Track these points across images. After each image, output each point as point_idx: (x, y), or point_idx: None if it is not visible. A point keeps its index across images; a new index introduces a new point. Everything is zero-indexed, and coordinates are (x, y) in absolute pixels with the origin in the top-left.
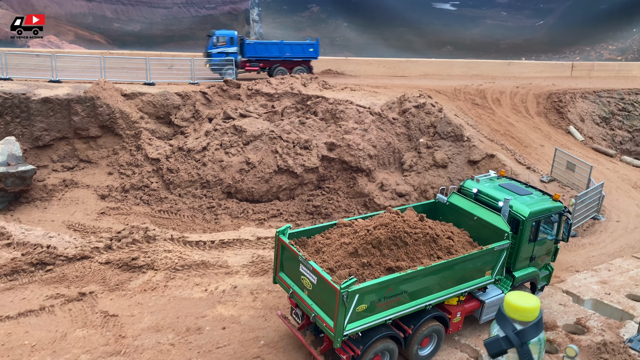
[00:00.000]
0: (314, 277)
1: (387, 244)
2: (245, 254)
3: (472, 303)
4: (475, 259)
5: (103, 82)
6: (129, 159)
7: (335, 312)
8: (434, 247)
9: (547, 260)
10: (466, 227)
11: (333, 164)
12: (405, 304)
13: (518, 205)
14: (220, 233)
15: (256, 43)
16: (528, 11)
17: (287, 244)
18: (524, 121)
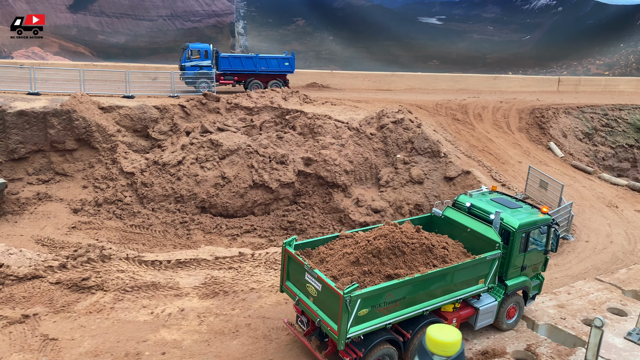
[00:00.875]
0: (319, 284)
1: (386, 254)
2: (199, 274)
3: (467, 310)
4: (469, 268)
5: (80, 95)
6: (105, 172)
7: (339, 316)
8: (430, 257)
9: (538, 270)
10: (460, 238)
11: (309, 179)
12: (404, 309)
13: (508, 218)
14: (178, 252)
15: (230, 56)
16: (515, 26)
17: (293, 254)
18: (504, 137)
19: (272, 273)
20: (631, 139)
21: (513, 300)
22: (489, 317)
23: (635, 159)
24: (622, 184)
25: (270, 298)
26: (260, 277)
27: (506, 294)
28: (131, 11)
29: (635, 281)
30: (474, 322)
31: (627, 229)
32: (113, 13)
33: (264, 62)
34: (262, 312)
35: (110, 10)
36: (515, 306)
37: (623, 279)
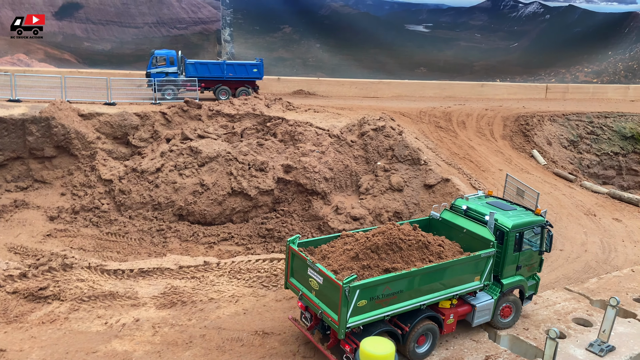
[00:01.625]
0: (320, 277)
1: (384, 249)
2: (160, 284)
3: (464, 307)
4: (465, 265)
5: (59, 102)
6: (83, 179)
7: (339, 306)
8: (426, 253)
9: (533, 270)
10: (457, 239)
11: (289, 187)
12: (401, 302)
13: (502, 219)
14: (142, 261)
15: (197, 63)
16: (502, 33)
17: (297, 251)
18: (486, 144)
19: (235, 283)
20: (616, 147)
21: (509, 299)
22: (486, 315)
23: (621, 166)
24: (602, 192)
25: (228, 308)
26: (222, 286)
27: (502, 292)
28: (117, 18)
29: (605, 291)
30: (471, 319)
31: (603, 238)
32: (99, 20)
33: (231, 69)
34: (219, 322)
35: (96, 17)
36: (510, 306)
37: (592, 289)
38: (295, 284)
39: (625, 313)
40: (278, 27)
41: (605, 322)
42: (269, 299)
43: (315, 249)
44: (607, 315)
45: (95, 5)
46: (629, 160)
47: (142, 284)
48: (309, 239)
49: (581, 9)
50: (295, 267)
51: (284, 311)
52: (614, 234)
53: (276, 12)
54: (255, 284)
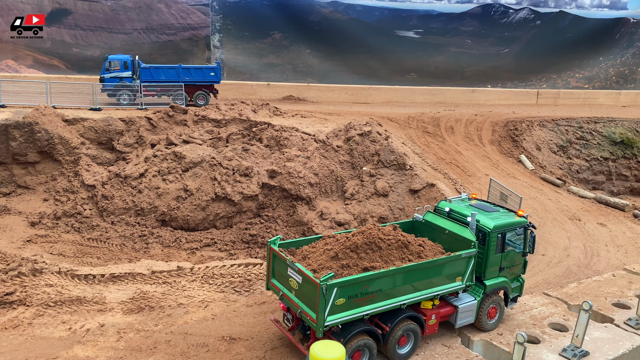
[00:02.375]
0: (299, 277)
1: (363, 249)
2: (129, 289)
3: (447, 308)
4: (445, 264)
5: (43, 107)
6: (66, 185)
7: (316, 304)
8: (406, 252)
9: (517, 272)
10: (440, 241)
11: (273, 192)
12: (381, 302)
13: (484, 220)
14: (114, 266)
15: (152, 67)
16: (493, 39)
17: (277, 251)
18: (474, 149)
19: (207, 288)
20: (606, 152)
21: (493, 300)
22: (469, 316)
23: (610, 171)
24: (589, 196)
25: (197, 314)
26: (193, 292)
27: (485, 294)
28: (106, 24)
29: (584, 296)
30: (454, 321)
31: (587, 242)
32: (88, 26)
33: (187, 73)
34: (186, 328)
35: (84, 23)
36: (495, 307)
37: (571, 294)
38: (276, 284)
39: (603, 318)
40: (268, 33)
41: (579, 326)
42: (239, 304)
43: (297, 250)
44: (580, 320)
45: (84, 12)
46: (619, 166)
47: (112, 289)
48: (290, 240)
49: (572, 14)
50: (276, 268)
51: (254, 316)
52: (598, 239)
53: (266, 18)
54: (227, 289)
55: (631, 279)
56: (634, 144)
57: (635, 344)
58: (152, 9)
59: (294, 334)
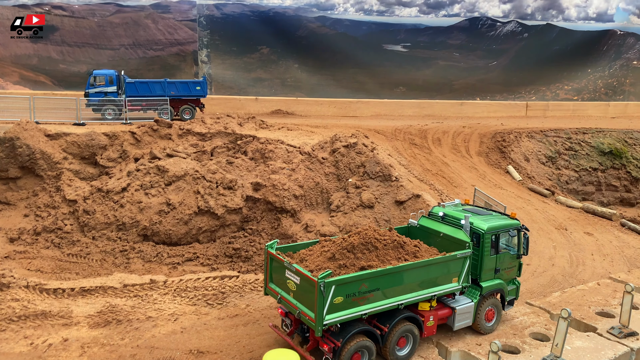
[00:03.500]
0: (297, 277)
1: (360, 249)
2: (98, 302)
3: (445, 310)
4: (441, 265)
5: (25, 122)
6: (48, 200)
7: (315, 303)
8: (402, 252)
9: (512, 274)
10: (435, 244)
11: (258, 205)
12: (378, 301)
13: (478, 222)
14: (85, 280)
15: (137, 82)
16: (481, 52)
17: (274, 254)
18: (460, 161)
19: (179, 300)
20: (595, 162)
21: (490, 302)
22: (467, 318)
23: (600, 182)
24: (577, 206)
25: (166, 327)
26: (164, 305)
27: (482, 295)
28: (93, 40)
29: (568, 305)
30: (452, 323)
31: (572, 252)
32: (75, 42)
33: (173, 87)
34: (153, 341)
35: (71, 39)
36: (493, 309)
37: (554, 303)
38: (274, 288)
39: (586, 327)
40: (256, 47)
41: (558, 335)
42: (211, 317)
43: (294, 254)
44: (559, 328)
45: (71, 28)
46: (608, 176)
47: (80, 303)
48: (288, 245)
49: (559, 27)
50: (273, 271)
51: (225, 329)
52: (584, 248)
53: (253, 33)
54: (199, 302)
55: (616, 287)
56: (623, 154)
57: (618, 353)
58: (139, 24)
59: (292, 337)
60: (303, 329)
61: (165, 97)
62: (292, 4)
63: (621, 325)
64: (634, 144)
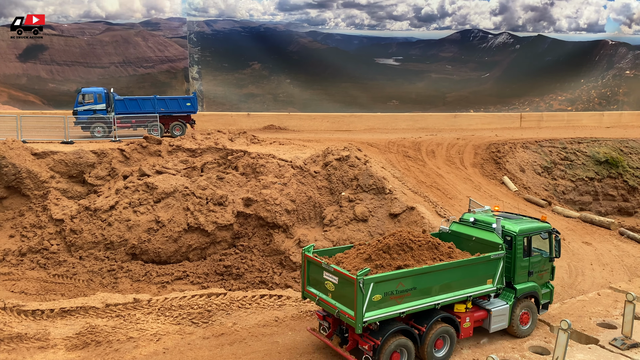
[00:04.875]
0: (335, 277)
1: (395, 249)
2: (78, 323)
3: (480, 312)
4: (476, 265)
5: (11, 141)
6: (34, 220)
7: (354, 300)
8: (437, 253)
9: (546, 278)
10: (467, 249)
11: (249, 220)
12: (415, 300)
13: (509, 225)
14: (66, 300)
15: (126, 99)
16: (473, 64)
17: (312, 257)
18: (455, 172)
19: (162, 320)
20: (591, 172)
21: (525, 305)
22: (502, 321)
23: (597, 192)
24: (574, 216)
25: (147, 348)
26: (146, 325)
27: (517, 298)
28: (82, 59)
29: (567, 316)
30: (488, 325)
31: (571, 262)
32: (64, 61)
33: (162, 104)
34: None
35: (61, 58)
36: (527, 312)
37: (553, 314)
38: (312, 290)
39: (587, 339)
40: (247, 63)
41: (558, 347)
42: (195, 337)
43: (330, 257)
44: (559, 340)
45: (60, 47)
46: (605, 185)
47: (59, 324)
48: (323, 249)
49: (550, 38)
50: (310, 274)
51: (210, 349)
52: (583, 258)
53: (244, 49)
54: (184, 321)
55: (617, 297)
56: (619, 164)
57: None
58: (129, 42)
59: (331, 339)
60: (342, 329)
61: (155, 113)
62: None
63: (624, 337)
64: (630, 152)
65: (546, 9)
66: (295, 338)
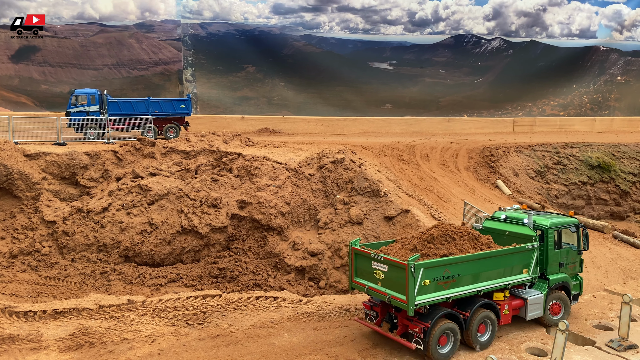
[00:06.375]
0: (385, 266)
1: (439, 240)
2: (71, 325)
3: (517, 301)
4: (512, 255)
5: (2, 142)
6: (25, 222)
7: (406, 284)
8: (477, 243)
9: (575, 270)
10: (500, 243)
11: (244, 223)
12: (460, 287)
13: (540, 219)
14: (59, 302)
15: (120, 101)
16: (466, 69)
17: (359, 249)
18: (449, 176)
19: (157, 321)
20: (584, 176)
21: (555, 296)
22: (538, 309)
23: (589, 196)
24: None
25: (142, 349)
26: (141, 326)
27: (550, 288)
28: (75, 60)
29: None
30: (524, 314)
31: None
32: (57, 63)
33: (157, 105)
34: None
35: (53, 60)
36: (558, 303)
37: None
38: (360, 281)
39: (584, 340)
40: (241, 66)
41: (556, 348)
42: (190, 338)
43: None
44: (557, 341)
45: (53, 48)
46: (597, 190)
47: (52, 326)
48: (368, 243)
49: (543, 44)
50: (358, 266)
51: (206, 350)
52: None
53: (239, 52)
54: (179, 323)
55: (612, 299)
56: (611, 168)
57: None
58: (123, 44)
59: (381, 326)
60: (391, 316)
61: (149, 115)
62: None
63: (620, 338)
64: (622, 157)
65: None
66: (291, 339)
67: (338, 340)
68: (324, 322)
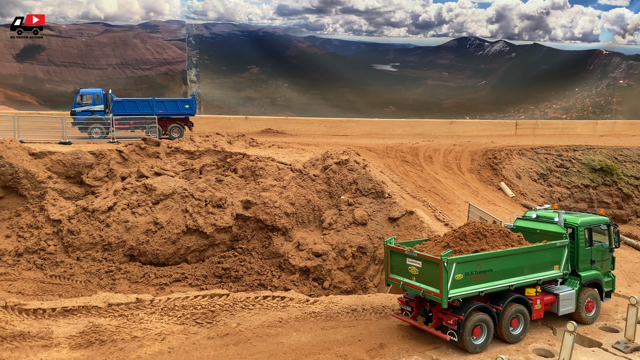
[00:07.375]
0: (419, 262)
1: (471, 237)
2: (81, 323)
3: (549, 297)
4: (543, 252)
5: (8, 140)
6: (31, 220)
7: (439, 279)
8: (508, 240)
9: (607, 267)
10: (531, 241)
11: (248, 223)
12: (492, 281)
13: (571, 218)
14: (68, 300)
15: (125, 100)
16: (469, 71)
17: (394, 246)
18: (453, 178)
19: (166, 320)
20: (586, 179)
21: (589, 294)
22: (570, 305)
23: (592, 199)
24: None
25: (152, 347)
26: (150, 324)
27: (581, 284)
28: (80, 60)
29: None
30: (556, 309)
31: None
32: (61, 62)
33: (161, 105)
34: None
35: (58, 59)
36: (592, 301)
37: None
38: (396, 277)
39: (590, 342)
40: (245, 67)
41: (564, 349)
42: (200, 337)
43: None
44: (564, 342)
45: (58, 48)
46: (600, 193)
47: (61, 323)
48: (402, 242)
49: (546, 47)
50: (393, 263)
51: (215, 349)
52: None
53: (243, 52)
54: (188, 321)
55: (617, 301)
56: (614, 171)
57: None
58: (128, 44)
59: (416, 319)
60: (425, 309)
61: (154, 115)
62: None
63: (627, 340)
64: (624, 161)
65: (542, 18)
66: (300, 339)
67: (346, 339)
68: (331, 322)
